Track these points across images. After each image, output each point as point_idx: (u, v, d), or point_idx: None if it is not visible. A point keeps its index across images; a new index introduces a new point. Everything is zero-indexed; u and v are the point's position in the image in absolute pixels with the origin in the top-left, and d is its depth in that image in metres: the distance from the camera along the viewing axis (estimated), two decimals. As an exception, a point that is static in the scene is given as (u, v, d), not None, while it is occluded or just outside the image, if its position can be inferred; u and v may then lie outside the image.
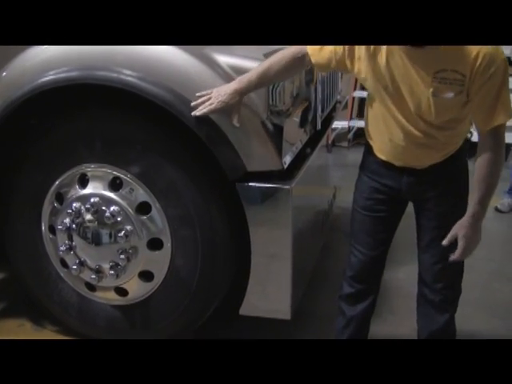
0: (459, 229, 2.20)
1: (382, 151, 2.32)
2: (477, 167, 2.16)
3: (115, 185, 2.62)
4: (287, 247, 2.45)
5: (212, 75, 2.39)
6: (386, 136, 2.26)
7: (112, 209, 2.60)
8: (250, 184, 2.41)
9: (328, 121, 3.58)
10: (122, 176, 2.58)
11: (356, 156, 6.64)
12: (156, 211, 2.57)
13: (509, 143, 5.71)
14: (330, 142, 4.67)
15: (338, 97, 3.98)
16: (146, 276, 2.68)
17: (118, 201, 2.60)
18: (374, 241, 2.43)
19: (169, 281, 2.65)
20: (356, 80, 6.80)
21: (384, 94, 2.16)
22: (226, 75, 2.40)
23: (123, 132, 2.53)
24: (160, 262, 2.64)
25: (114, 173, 2.59)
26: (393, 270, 3.63)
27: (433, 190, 2.31)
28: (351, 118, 6.90)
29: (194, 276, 2.60)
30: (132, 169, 2.55)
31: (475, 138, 2.23)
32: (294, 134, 2.64)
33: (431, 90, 2.06)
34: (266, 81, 2.29)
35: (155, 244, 2.62)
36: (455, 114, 2.15)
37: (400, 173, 2.30)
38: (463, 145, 2.32)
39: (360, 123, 6.90)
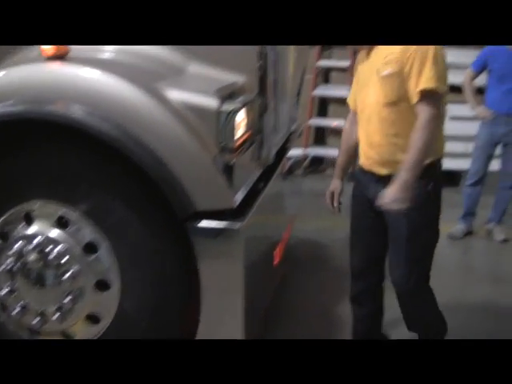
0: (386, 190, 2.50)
1: (360, 154, 2.74)
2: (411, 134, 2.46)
3: (62, 223, 2.53)
4: (239, 286, 2.39)
5: (162, 111, 2.33)
6: (361, 135, 2.70)
7: (58, 248, 2.51)
8: (200, 224, 2.35)
9: (283, 151, 3.56)
10: (68, 214, 2.50)
11: (312, 184, 6.79)
12: (104, 250, 2.50)
13: (461, 170, 5.95)
14: (285, 170, 4.69)
15: (293, 127, 3.96)
16: (94, 318, 2.59)
17: (65, 240, 2.51)
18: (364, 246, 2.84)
19: (117, 322, 2.56)
20: (311, 108, 6.87)
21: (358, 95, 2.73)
22: (177, 111, 2.35)
23: (70, 168, 2.46)
24: (108, 304, 2.55)
25: (61, 211, 2.51)
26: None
27: None
28: (307, 146, 6.91)
29: (144, 316, 2.53)
30: (79, 206, 2.48)
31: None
32: (246, 170, 2.61)
33: (377, 69, 2.54)
34: (349, 153, 2.92)
35: (103, 285, 2.54)
36: (400, 91, 2.49)
37: (370, 181, 2.67)
38: (431, 173, 2.57)
39: (316, 151, 6.94)
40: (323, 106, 7.08)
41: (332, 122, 6.93)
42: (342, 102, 6.73)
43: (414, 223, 2.61)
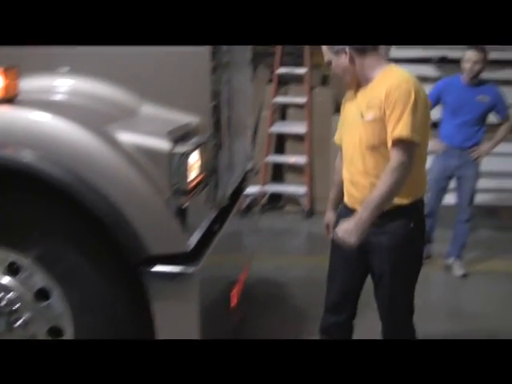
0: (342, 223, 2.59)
1: (345, 191, 2.82)
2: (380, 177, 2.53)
3: (13, 270, 2.48)
4: (194, 330, 2.36)
5: (113, 155, 2.32)
6: (345, 173, 2.78)
7: (9, 295, 2.46)
8: (153, 268, 2.33)
9: (239, 190, 3.57)
10: (19, 260, 2.45)
11: (270, 221, 6.79)
12: (56, 297, 2.45)
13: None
14: (243, 208, 4.68)
15: (249, 165, 3.97)
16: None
17: (16, 287, 2.46)
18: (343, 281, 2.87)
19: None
20: (268, 145, 6.91)
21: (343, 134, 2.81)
22: (129, 154, 2.34)
23: (21, 214, 2.42)
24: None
25: (11, 257, 2.46)
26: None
27: (376, 243, 2.65)
28: (265, 183, 6.94)
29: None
30: (31, 253, 2.43)
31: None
32: (200, 213, 2.60)
33: (361, 112, 2.60)
34: (341, 187, 2.87)
35: (56, 331, 2.48)
36: (381, 136, 2.53)
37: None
38: (414, 211, 2.66)
39: (274, 188, 6.97)
40: (280, 143, 7.12)
41: (289, 159, 6.97)
42: (299, 138, 6.88)
43: (397, 261, 2.67)
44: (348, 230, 2.54)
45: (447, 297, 5.02)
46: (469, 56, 4.67)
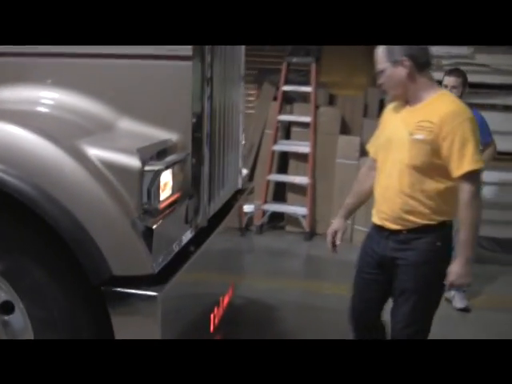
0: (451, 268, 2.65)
1: (375, 210, 2.87)
2: (459, 213, 2.63)
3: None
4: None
5: (81, 170, 2.23)
6: (377, 187, 2.82)
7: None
8: (115, 289, 2.23)
9: (228, 209, 3.46)
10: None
11: (269, 241, 6.66)
12: (19, 311, 2.38)
13: None
14: (243, 225, 4.58)
15: (242, 183, 3.86)
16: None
17: (-21, 299, 2.38)
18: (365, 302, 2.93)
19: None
20: (271, 163, 6.82)
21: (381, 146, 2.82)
22: (97, 170, 2.25)
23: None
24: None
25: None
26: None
27: (402, 258, 2.71)
28: (265, 202, 6.84)
29: None
30: (-5, 266, 2.35)
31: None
32: (172, 234, 2.49)
33: (409, 131, 2.63)
34: (359, 197, 3.06)
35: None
36: (426, 158, 2.61)
37: (381, 237, 2.78)
38: (442, 231, 2.71)
39: (274, 207, 6.86)
40: (283, 162, 7.03)
41: (292, 178, 6.86)
42: (303, 157, 6.77)
43: (423, 277, 2.72)
44: (461, 274, 2.64)
45: (448, 330, 4.89)
46: (447, 81, 4.61)
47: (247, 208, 4.71)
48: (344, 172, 6.46)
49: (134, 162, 2.28)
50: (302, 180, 6.74)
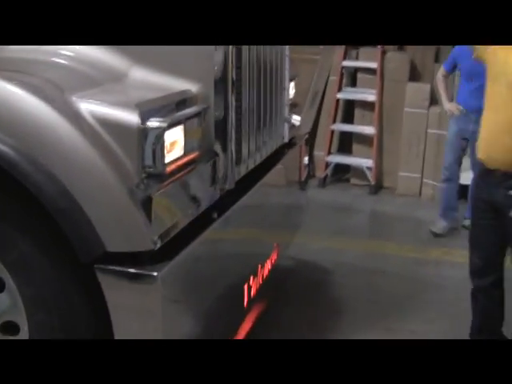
0: None
1: (482, 148, 2.82)
2: None
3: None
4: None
5: (70, 129, 1.90)
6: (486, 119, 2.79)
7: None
8: (110, 267, 1.92)
9: (272, 163, 3.15)
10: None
11: (329, 195, 6.25)
12: (10, 289, 2.09)
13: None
14: (303, 179, 4.24)
15: (286, 137, 3.48)
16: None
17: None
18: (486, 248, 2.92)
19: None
20: (335, 112, 6.36)
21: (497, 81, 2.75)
22: (89, 128, 1.92)
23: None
24: (17, 350, 2.15)
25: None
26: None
27: None
28: (329, 153, 6.41)
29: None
30: (-19, 237, 2.08)
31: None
32: (185, 201, 2.15)
33: None
34: None
35: (11, 327, 2.14)
36: None
37: (492, 180, 2.78)
38: None
39: (338, 159, 6.43)
40: (349, 110, 6.55)
41: (357, 128, 6.40)
42: (369, 106, 6.26)
43: None
44: None
45: None
46: None
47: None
48: (412, 122, 6.02)
49: (132, 118, 1.93)
50: (367, 130, 6.27)
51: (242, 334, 3.30)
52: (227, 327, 2.61)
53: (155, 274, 1.88)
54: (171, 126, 2.01)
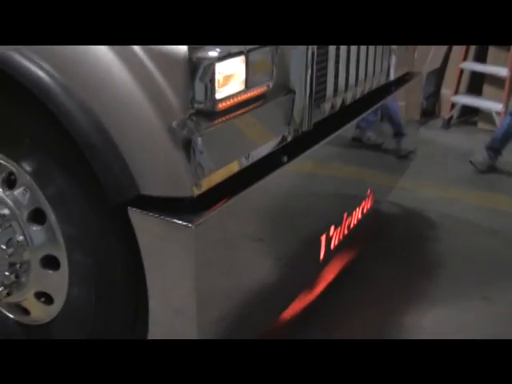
0: None
1: None
2: None
3: (10, 181, 2.04)
4: (191, 302, 1.75)
5: (109, 57, 1.69)
6: None
7: (3, 211, 2.03)
8: (143, 212, 1.72)
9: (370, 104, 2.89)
10: (17, 171, 2.00)
11: (451, 138, 5.75)
12: (52, 222, 1.97)
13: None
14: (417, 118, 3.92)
15: (392, 75, 3.11)
16: (47, 298, 2.10)
17: (9, 202, 2.02)
18: None
19: (67, 310, 2.06)
20: (467, 49, 5.75)
21: None
22: (131, 56, 1.68)
23: (12, 119, 1.92)
24: (58, 285, 2.04)
25: (10, 166, 2.00)
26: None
27: None
28: (457, 93, 5.84)
29: (89, 313, 1.99)
30: (23, 164, 1.97)
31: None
32: (242, 143, 1.90)
33: None
34: None
35: (52, 262, 2.03)
36: None
37: None
38: None
39: (466, 100, 5.86)
40: (482, 48, 5.90)
41: (490, 68, 5.77)
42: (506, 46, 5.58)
43: None
44: None
45: None
46: None
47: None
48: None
49: (178, 46, 1.67)
50: (501, 72, 5.62)
51: (321, 286, 3.09)
52: (291, 287, 2.36)
53: (189, 225, 1.66)
54: (225, 57, 1.73)
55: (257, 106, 1.94)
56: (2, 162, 2.02)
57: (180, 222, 1.67)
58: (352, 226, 2.90)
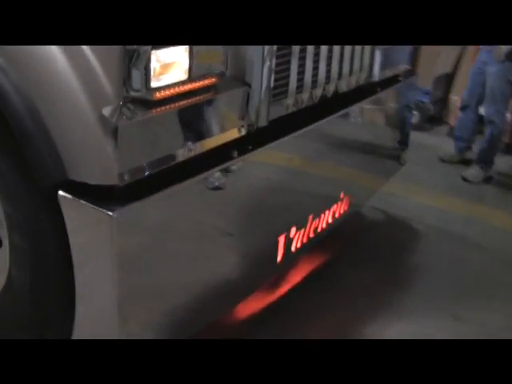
0: None
1: None
2: None
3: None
4: (111, 283, 1.72)
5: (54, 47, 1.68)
6: None
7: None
8: (70, 197, 1.71)
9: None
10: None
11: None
12: (-4, 201, 1.97)
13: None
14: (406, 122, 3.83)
15: (376, 75, 3.04)
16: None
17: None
18: None
19: (9, 290, 2.06)
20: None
21: None
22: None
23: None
24: (1, 263, 2.04)
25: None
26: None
27: None
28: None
29: (27, 297, 1.99)
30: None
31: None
32: (178, 134, 1.87)
33: None
34: None
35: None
36: None
37: None
38: None
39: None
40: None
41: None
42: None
43: None
44: None
45: None
46: None
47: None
48: None
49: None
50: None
51: (285, 288, 3.05)
52: (234, 287, 2.30)
53: (110, 213, 1.64)
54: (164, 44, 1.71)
55: (204, 98, 1.91)
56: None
57: (101, 209, 1.65)
58: (320, 229, 2.84)
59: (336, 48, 2.56)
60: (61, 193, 1.72)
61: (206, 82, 1.92)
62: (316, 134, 2.64)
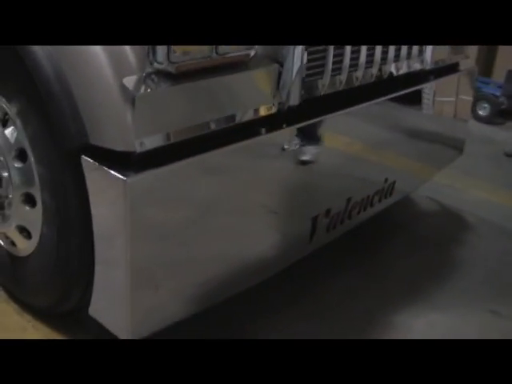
0: None
1: None
2: None
3: (4, 121, 2.20)
4: (124, 252, 1.81)
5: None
6: None
7: (-5, 147, 2.19)
8: (91, 161, 1.81)
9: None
10: (9, 111, 2.15)
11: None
12: (32, 162, 2.11)
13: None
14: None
15: (428, 63, 3.00)
16: (26, 232, 2.26)
17: (1, 140, 2.18)
18: None
19: (42, 247, 2.20)
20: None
21: None
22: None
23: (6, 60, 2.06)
24: (35, 221, 2.19)
25: (4, 106, 2.15)
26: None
27: None
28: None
29: (53, 254, 2.13)
30: (14, 103, 2.11)
31: None
32: (200, 107, 1.93)
33: None
34: None
35: (29, 199, 2.17)
36: None
37: None
38: None
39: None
40: None
41: None
42: None
43: None
44: None
45: None
46: None
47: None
48: None
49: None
50: None
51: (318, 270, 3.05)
52: (250, 265, 2.29)
53: (124, 178, 1.73)
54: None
55: (229, 74, 1.96)
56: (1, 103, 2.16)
57: (116, 173, 1.74)
58: (359, 213, 2.85)
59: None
60: (84, 157, 1.83)
61: (234, 58, 1.97)
62: (358, 117, 2.64)
